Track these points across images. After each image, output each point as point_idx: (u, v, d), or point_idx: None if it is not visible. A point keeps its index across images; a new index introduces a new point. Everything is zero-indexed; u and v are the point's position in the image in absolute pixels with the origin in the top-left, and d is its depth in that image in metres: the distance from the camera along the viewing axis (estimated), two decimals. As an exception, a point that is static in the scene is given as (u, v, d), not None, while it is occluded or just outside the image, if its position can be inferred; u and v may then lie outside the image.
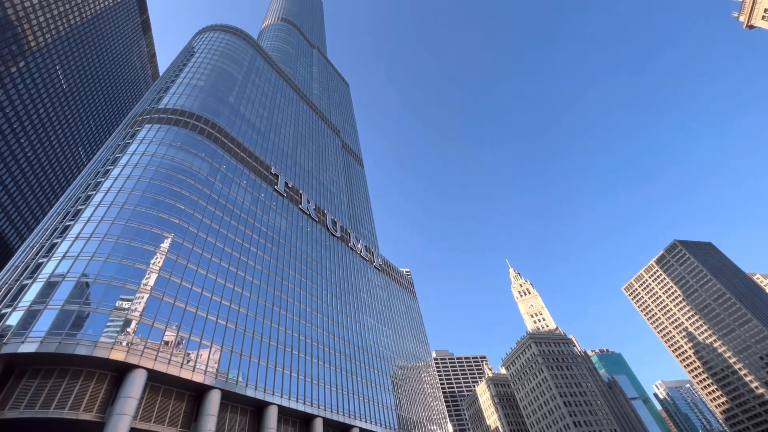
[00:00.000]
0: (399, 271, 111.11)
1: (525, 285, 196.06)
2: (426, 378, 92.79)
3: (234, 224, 57.81)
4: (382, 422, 64.89)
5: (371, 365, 71.60)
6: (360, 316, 77.88)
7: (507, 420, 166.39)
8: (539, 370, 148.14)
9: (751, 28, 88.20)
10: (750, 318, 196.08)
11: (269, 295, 56.62)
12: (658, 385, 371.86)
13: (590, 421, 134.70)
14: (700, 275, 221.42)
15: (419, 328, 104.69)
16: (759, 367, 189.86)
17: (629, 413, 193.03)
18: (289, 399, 49.25)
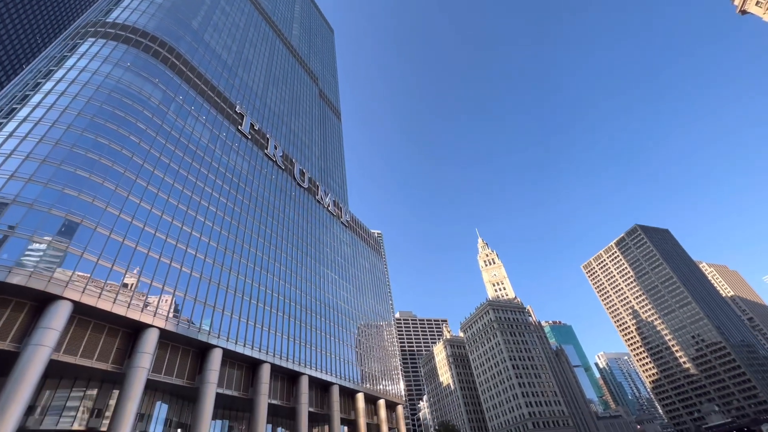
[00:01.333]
0: (367, 229, 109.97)
1: (491, 255, 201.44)
2: (384, 335, 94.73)
3: (187, 160, 53.50)
4: (334, 372, 65.85)
5: (328, 317, 71.56)
6: (321, 269, 76.80)
7: (459, 378, 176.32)
8: (494, 335, 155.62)
9: (743, 13, 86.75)
10: (690, 301, 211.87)
11: (222, 239, 53.87)
12: (600, 356, 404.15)
13: (534, 383, 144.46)
14: (653, 259, 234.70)
15: (382, 287, 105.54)
16: (690, 345, 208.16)
17: (571, 379, 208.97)
18: (236, 343, 48.20)
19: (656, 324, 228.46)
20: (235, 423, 52.86)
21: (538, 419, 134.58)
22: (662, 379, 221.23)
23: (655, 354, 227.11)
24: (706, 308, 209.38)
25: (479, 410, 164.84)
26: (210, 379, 42.56)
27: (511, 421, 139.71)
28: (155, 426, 41.40)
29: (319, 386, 64.08)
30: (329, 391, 64.12)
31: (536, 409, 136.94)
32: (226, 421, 51.82)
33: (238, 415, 53.51)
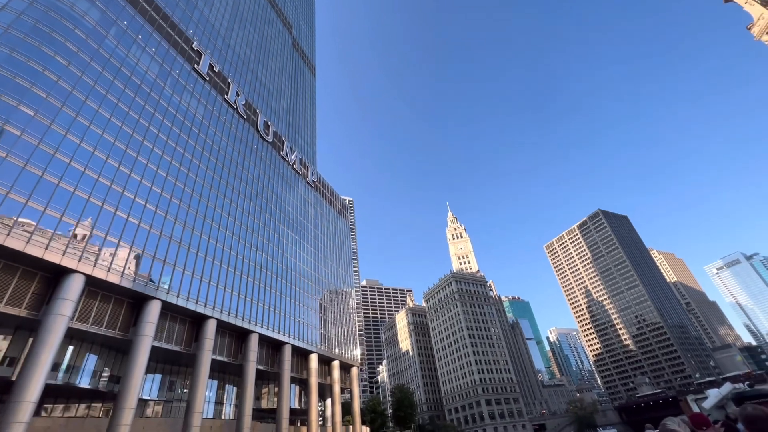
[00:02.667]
0: (334, 192, 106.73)
1: (459, 229, 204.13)
2: (345, 300, 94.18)
3: (129, 94, 47.71)
4: (288, 332, 64.56)
5: (284, 277, 69.42)
6: (280, 227, 73.73)
7: (418, 345, 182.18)
8: (454, 305, 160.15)
9: (727, 1, 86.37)
10: (637, 284, 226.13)
11: (168, 185, 49.50)
12: (552, 331, 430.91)
13: (488, 352, 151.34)
14: (610, 243, 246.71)
15: (347, 252, 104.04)
16: (632, 324, 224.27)
17: (523, 351, 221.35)
18: (177, 296, 45.33)
19: (605, 304, 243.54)
20: (177, 378, 50.88)
21: (488, 385, 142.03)
22: (604, 353, 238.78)
23: (601, 331, 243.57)
24: (651, 291, 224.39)
25: (434, 375, 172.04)
26: (145, 332, 39.80)
27: (463, 386, 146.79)
28: (81, 377, 38.66)
29: (270, 345, 62.77)
30: (281, 350, 63.03)
31: (487, 376, 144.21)
32: (166, 375, 49.71)
33: (180, 371, 51.45)
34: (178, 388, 50.98)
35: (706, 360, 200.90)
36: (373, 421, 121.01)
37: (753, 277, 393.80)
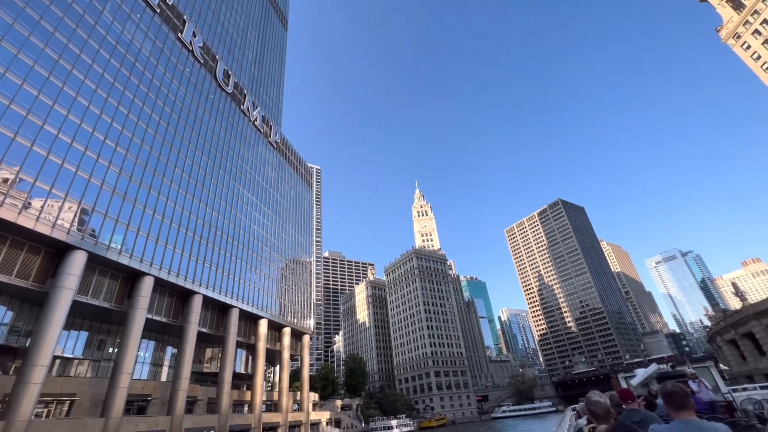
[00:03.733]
0: (299, 156, 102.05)
1: (425, 207, 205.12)
2: (302, 267, 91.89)
3: (69, 24, 41.08)
4: (236, 295, 61.73)
5: (236, 238, 65.83)
6: (236, 186, 69.29)
7: (375, 317, 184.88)
8: (413, 281, 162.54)
9: (702, 0, 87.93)
10: (585, 272, 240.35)
11: (103, 125, 43.93)
12: (503, 311, 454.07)
13: (441, 327, 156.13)
14: (566, 232, 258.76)
15: (308, 219, 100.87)
16: (576, 308, 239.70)
17: (475, 328, 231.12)
18: (107, 248, 41.10)
19: (555, 288, 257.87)
20: (107, 336, 47.21)
21: (439, 358, 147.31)
22: (548, 333, 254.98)
23: (548, 313, 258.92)
24: (596, 279, 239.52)
25: (388, 347, 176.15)
26: (65, 284, 35.73)
27: (415, 358, 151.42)
28: (-14, 330, 34.38)
29: (217, 308, 59.87)
30: (228, 313, 60.33)
31: (439, 350, 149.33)
32: (94, 333, 45.91)
33: (112, 329, 47.74)
34: (109, 347, 47.43)
35: (636, 343, 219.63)
36: (324, 388, 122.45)
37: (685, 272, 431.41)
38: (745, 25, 78.39)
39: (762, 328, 44.08)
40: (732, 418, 8.24)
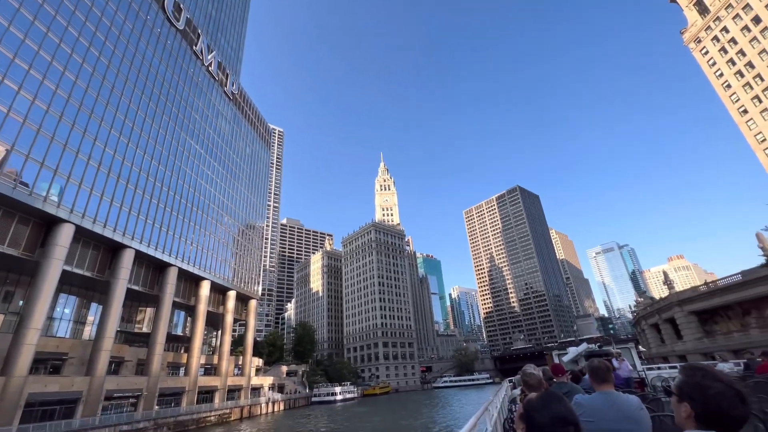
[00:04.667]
0: (258, 113, 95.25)
1: (388, 181, 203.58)
2: (252, 230, 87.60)
3: None
4: (175, 252, 57.27)
5: (179, 192, 60.57)
6: (182, 136, 63.09)
7: (328, 287, 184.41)
8: (370, 253, 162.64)
9: (672, 0, 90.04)
10: (533, 257, 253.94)
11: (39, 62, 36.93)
12: (454, 289, 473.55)
13: (393, 300, 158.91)
14: (519, 218, 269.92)
15: (263, 181, 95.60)
16: (521, 290, 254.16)
17: (426, 303, 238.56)
18: (13, 188, 35.42)
19: (504, 270, 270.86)
20: (14, 287, 41.76)
21: (388, 329, 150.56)
22: (493, 312, 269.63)
23: (495, 293, 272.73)
24: (542, 265, 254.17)
25: (340, 317, 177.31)
26: (-47, 223, 30.28)
27: (365, 329, 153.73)
28: None
29: (152, 264, 55.25)
30: (165, 272, 55.97)
31: (389, 321, 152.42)
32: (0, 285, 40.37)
33: (21, 280, 42.24)
34: (18, 299, 42.11)
35: (570, 325, 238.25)
36: (270, 354, 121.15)
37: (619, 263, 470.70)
38: (707, 31, 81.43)
39: (683, 314, 47.68)
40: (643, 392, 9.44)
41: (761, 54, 71.41)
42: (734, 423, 1.57)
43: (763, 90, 71.29)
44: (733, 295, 40.69)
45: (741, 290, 39.80)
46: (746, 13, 73.58)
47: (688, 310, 46.93)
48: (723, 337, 41.29)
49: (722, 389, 1.60)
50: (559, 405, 1.63)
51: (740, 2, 74.45)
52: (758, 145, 72.08)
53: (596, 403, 3.53)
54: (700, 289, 45.59)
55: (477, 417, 4.44)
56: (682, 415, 1.72)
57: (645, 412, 3.41)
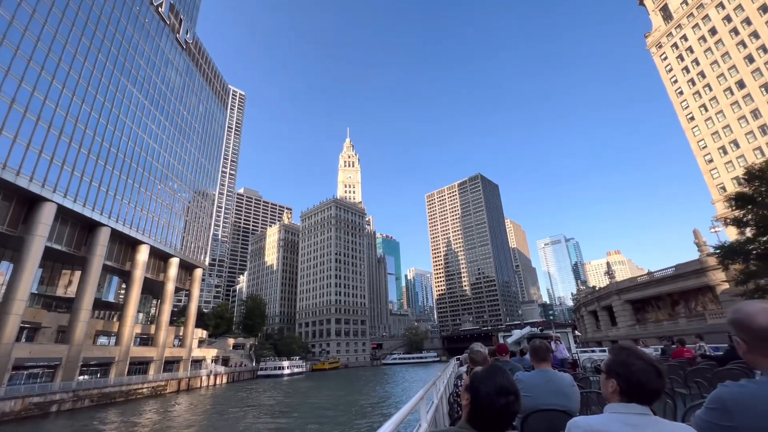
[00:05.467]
0: (215, 68, 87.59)
1: (353, 158, 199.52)
2: (201, 195, 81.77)
3: None
4: (108, 211, 51.63)
5: (115, 145, 54.36)
6: (124, 84, 56.20)
7: (284, 261, 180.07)
8: (329, 229, 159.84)
9: (641, 2, 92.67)
10: (488, 244, 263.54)
11: None
12: (411, 270, 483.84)
13: (349, 277, 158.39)
14: (478, 206, 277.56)
15: (218, 144, 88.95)
16: (473, 275, 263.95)
17: (382, 283, 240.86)
18: None
19: (459, 255, 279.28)
20: None
21: (342, 306, 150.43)
22: (446, 294, 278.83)
23: (449, 276, 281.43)
24: (495, 252, 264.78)
25: (293, 292, 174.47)
26: None
27: (319, 304, 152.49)
28: None
29: (80, 222, 49.44)
30: (95, 231, 50.38)
31: (343, 298, 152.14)
32: None
33: None
34: None
35: (516, 309, 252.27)
36: (217, 326, 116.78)
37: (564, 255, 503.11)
38: (668, 37, 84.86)
39: (620, 303, 50.55)
40: (574, 371, 10.50)
41: (713, 65, 75.57)
42: (651, 395, 1.78)
43: (710, 99, 75.86)
44: (665, 286, 43.33)
45: (673, 282, 42.43)
46: (705, 24, 77.15)
47: (625, 299, 49.77)
48: (653, 325, 44.17)
49: (643, 366, 1.80)
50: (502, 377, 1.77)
51: (701, 12, 77.84)
52: (700, 151, 77.21)
53: (535, 380, 3.86)
54: (638, 279, 48.32)
55: (425, 390, 4.57)
56: (608, 390, 1.90)
57: (575, 389, 3.84)
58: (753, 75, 68.88)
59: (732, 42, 72.16)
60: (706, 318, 37.10)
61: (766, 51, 67.20)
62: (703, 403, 1.86)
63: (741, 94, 70.50)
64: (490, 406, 1.67)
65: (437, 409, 5.86)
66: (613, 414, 1.80)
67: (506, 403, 1.68)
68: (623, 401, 1.82)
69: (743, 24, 70.49)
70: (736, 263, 21.28)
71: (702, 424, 1.76)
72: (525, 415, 3.58)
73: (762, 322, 1.70)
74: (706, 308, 40.31)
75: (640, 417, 1.74)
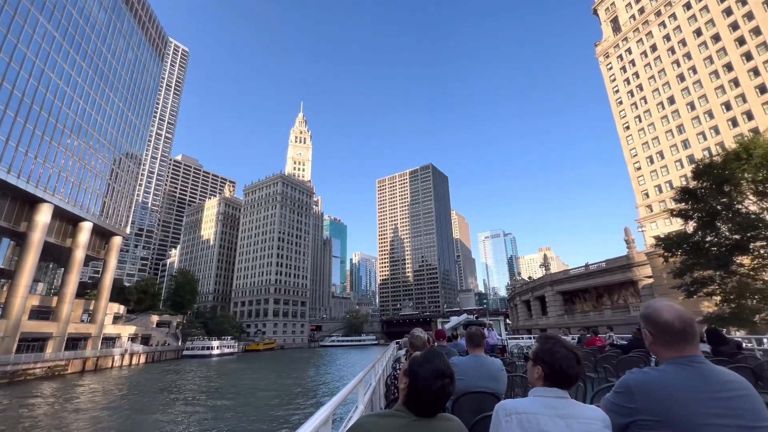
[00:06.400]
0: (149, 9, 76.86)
1: (305, 134, 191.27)
2: (129, 156, 72.30)
3: None
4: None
5: (15, 84, 45.04)
6: (27, 8, 46.41)
7: (222, 237, 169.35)
8: (273, 206, 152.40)
9: (595, 12, 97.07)
10: (433, 233, 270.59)
11: None
12: (356, 254, 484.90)
13: (292, 257, 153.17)
14: (427, 195, 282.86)
15: (149, 99, 78.80)
16: (417, 262, 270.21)
17: (326, 265, 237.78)
18: None
19: (405, 242, 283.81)
20: None
21: (282, 287, 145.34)
22: (389, 280, 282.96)
23: (393, 262, 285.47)
24: (440, 241, 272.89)
25: (231, 269, 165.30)
26: None
27: (257, 283, 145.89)
28: None
29: (-44, 170, 40.50)
30: (-23, 182, 41.70)
31: (284, 278, 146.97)
32: None
33: None
34: None
35: (454, 297, 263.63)
36: (140, 302, 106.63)
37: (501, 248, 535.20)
38: (615, 48, 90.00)
39: (552, 293, 53.06)
40: (503, 357, 11.31)
41: (650, 79, 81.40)
42: (571, 380, 1.97)
43: (644, 111, 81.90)
44: (595, 279, 45.91)
45: (602, 276, 45.02)
46: (648, 40, 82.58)
47: (557, 290, 52.28)
48: (580, 315, 46.77)
49: (565, 353, 1.97)
50: (439, 361, 1.85)
51: (645, 28, 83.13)
52: (631, 158, 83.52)
53: (468, 364, 4.04)
54: (571, 272, 50.85)
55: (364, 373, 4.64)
56: (534, 375, 2.05)
57: (503, 373, 4.10)
58: (682, 93, 75.18)
59: (668, 60, 78.00)
60: (630, 310, 39.79)
61: (695, 72, 73.43)
62: (612, 387, 2.05)
63: (671, 109, 76.79)
64: (427, 388, 1.73)
65: (374, 391, 5.94)
66: (537, 397, 1.95)
67: (442, 385, 1.75)
68: (546, 386, 1.97)
69: (679, 44, 76.32)
70: (676, 255, 21.99)
71: (609, 406, 1.96)
72: (456, 397, 3.73)
73: (667, 318, 1.92)
74: (627, 301, 43.35)
75: (560, 400, 1.90)
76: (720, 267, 18.66)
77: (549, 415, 1.82)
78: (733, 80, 67.41)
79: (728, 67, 68.18)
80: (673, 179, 73.81)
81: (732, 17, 68.16)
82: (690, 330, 1.90)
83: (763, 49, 63.61)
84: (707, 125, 70.46)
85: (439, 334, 8.24)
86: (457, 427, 1.79)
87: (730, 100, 67.49)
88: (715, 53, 70.29)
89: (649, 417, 1.76)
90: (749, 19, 65.77)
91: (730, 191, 18.46)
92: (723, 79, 68.68)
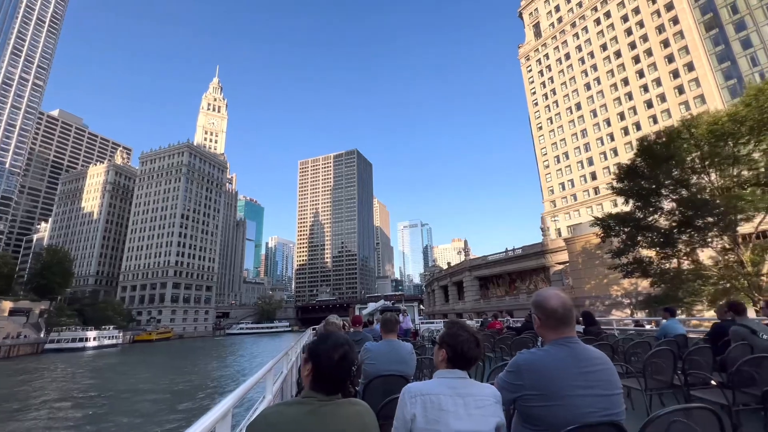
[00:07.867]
0: None
1: (219, 102, 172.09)
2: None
3: None
4: None
5: None
6: None
7: (109, 210, 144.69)
8: (177, 179, 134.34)
9: (520, 16, 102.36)
10: (354, 220, 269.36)
11: None
12: (273, 238, 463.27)
13: (197, 237, 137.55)
14: (351, 180, 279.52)
15: (5, 22, 60.77)
16: (336, 248, 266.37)
17: (239, 248, 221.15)
18: None
19: (325, 227, 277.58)
20: None
21: (184, 269, 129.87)
22: (306, 265, 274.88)
23: (312, 248, 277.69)
24: (360, 228, 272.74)
25: (118, 248, 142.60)
26: None
27: (154, 265, 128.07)
28: None
29: None
30: None
31: (187, 260, 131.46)
32: None
33: None
34: None
35: (372, 283, 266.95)
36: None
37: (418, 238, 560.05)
38: (535, 52, 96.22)
39: (470, 278, 54.16)
40: (415, 340, 11.87)
41: (562, 85, 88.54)
42: (470, 361, 2.14)
43: (555, 114, 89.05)
44: (511, 265, 47.56)
45: (518, 262, 46.75)
46: (563, 48, 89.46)
47: (475, 275, 53.44)
48: (496, 299, 48.19)
49: (467, 337, 2.14)
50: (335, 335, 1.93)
51: (562, 37, 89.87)
52: (541, 156, 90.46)
53: (381, 349, 4.28)
54: (489, 258, 52.21)
55: (274, 362, 4.67)
56: (439, 358, 2.21)
57: (413, 356, 4.38)
58: (587, 100, 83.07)
59: (579, 69, 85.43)
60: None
61: (599, 83, 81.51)
62: (505, 367, 2.29)
63: (577, 114, 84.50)
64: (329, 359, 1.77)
65: (286, 379, 5.85)
66: (440, 379, 2.11)
67: (343, 353, 1.79)
68: (449, 368, 2.13)
69: (588, 56, 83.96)
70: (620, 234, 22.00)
71: (502, 384, 2.21)
72: (368, 381, 3.91)
73: (553, 304, 2.16)
74: (537, 286, 45.65)
75: (460, 380, 2.07)
76: (666, 245, 19.07)
77: (449, 394, 1.97)
78: (627, 93, 76.22)
79: (625, 81, 76.86)
80: (575, 178, 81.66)
81: (631, 37, 76.71)
82: (569, 315, 2.16)
83: (653, 69, 72.75)
84: (605, 132, 78.96)
85: (356, 320, 8.56)
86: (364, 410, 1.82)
87: (624, 111, 76.32)
88: (616, 68, 78.71)
89: (532, 391, 2.02)
90: (644, 41, 74.61)
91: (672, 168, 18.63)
92: (620, 91, 77.31)
